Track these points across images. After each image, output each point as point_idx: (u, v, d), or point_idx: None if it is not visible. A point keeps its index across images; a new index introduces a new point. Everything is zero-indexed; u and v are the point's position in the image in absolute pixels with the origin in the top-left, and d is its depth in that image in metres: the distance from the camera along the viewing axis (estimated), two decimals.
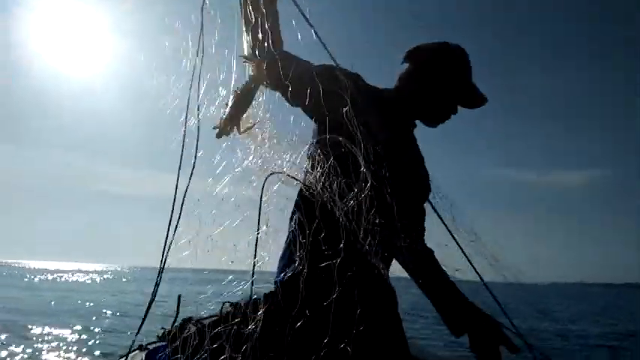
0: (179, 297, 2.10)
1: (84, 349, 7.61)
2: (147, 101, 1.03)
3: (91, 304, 14.53)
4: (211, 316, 2.41)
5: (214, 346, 1.35)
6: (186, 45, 1.05)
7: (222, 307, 2.38)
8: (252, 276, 1.21)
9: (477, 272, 1.31)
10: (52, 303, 14.98)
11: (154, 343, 2.08)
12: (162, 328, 2.16)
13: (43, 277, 40.10)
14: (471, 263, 1.31)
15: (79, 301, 15.65)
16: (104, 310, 12.40)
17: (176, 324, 2.19)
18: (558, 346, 8.85)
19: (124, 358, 1.95)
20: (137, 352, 2.02)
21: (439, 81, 1.21)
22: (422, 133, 1.33)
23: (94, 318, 11.24)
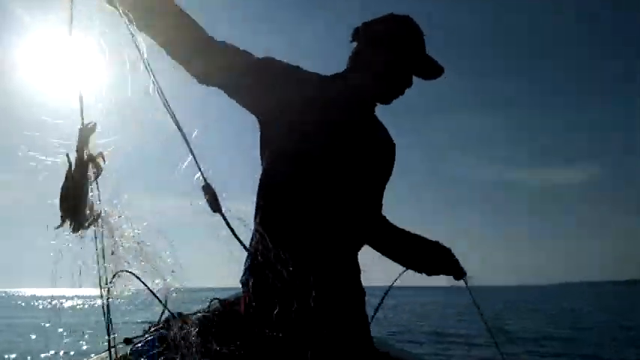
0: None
1: None
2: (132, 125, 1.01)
3: None
4: (198, 312, 2.38)
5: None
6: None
7: (210, 304, 2.36)
8: None
9: None
10: None
11: (140, 336, 2.04)
12: (149, 322, 2.13)
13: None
14: None
15: None
16: None
17: (162, 318, 2.16)
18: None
19: (109, 351, 1.92)
20: (122, 345, 1.98)
21: (391, 52, 1.19)
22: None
23: None
